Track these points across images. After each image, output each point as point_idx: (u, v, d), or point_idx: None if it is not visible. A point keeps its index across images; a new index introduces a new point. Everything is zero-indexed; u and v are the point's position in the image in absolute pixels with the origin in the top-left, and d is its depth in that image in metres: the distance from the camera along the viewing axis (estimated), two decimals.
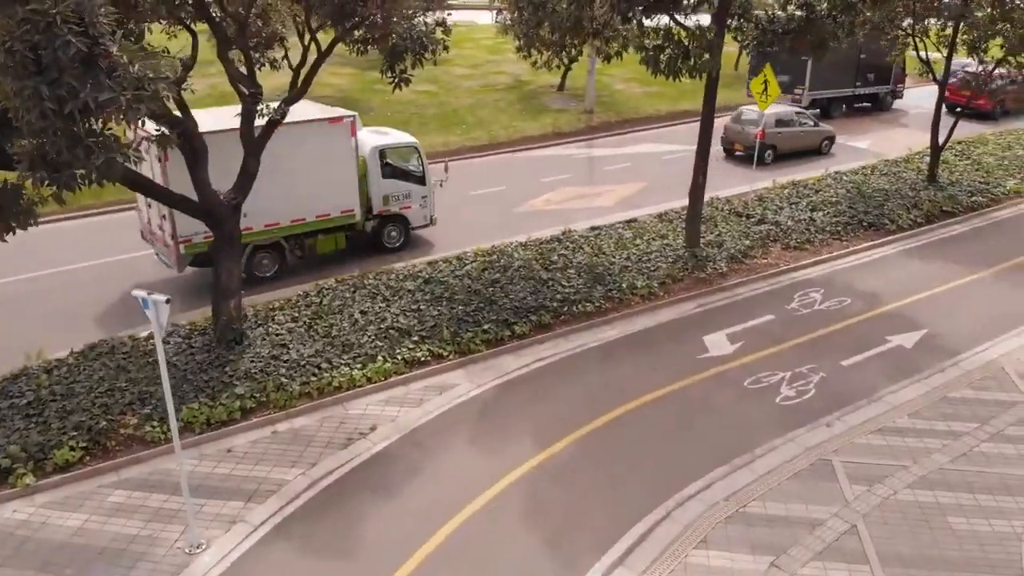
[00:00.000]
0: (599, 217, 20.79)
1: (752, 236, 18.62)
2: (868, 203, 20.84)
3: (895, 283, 16.74)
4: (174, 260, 15.07)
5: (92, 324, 14.52)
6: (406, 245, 18.30)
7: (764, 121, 24.48)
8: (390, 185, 17.53)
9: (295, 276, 16.46)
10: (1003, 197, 22.25)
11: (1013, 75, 22.81)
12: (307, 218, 16.22)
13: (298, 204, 15.88)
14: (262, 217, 15.38)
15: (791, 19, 16.38)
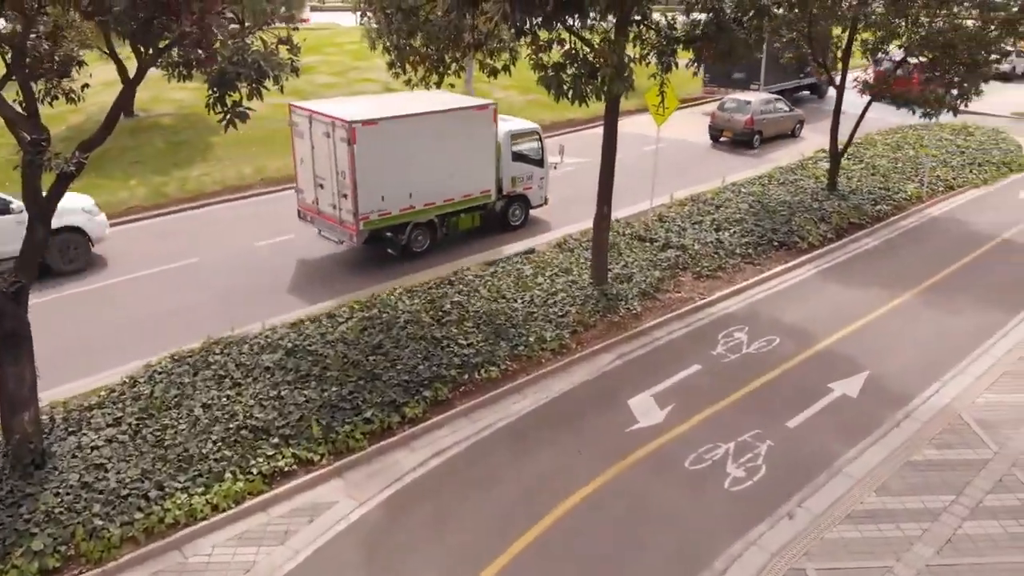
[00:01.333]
0: (492, 249, 18.43)
1: (660, 265, 16.75)
2: (774, 218, 19.47)
3: (821, 314, 15.24)
4: (351, 236, 16.22)
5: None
6: (526, 223, 19.57)
7: (753, 108, 27.38)
8: (517, 167, 18.94)
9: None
10: (906, 203, 21.50)
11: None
12: (455, 198, 17.46)
13: (449, 185, 17.15)
14: (422, 197, 16.73)
15: (696, 25, 14.50)
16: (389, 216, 16.22)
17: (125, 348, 13.25)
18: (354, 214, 15.78)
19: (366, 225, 16.01)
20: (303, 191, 17.31)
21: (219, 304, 15.09)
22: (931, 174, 23.57)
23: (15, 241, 11.05)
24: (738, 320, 14.98)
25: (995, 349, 13.95)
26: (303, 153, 16.78)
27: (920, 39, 19.15)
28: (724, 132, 28.04)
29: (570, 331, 13.90)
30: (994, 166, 25.05)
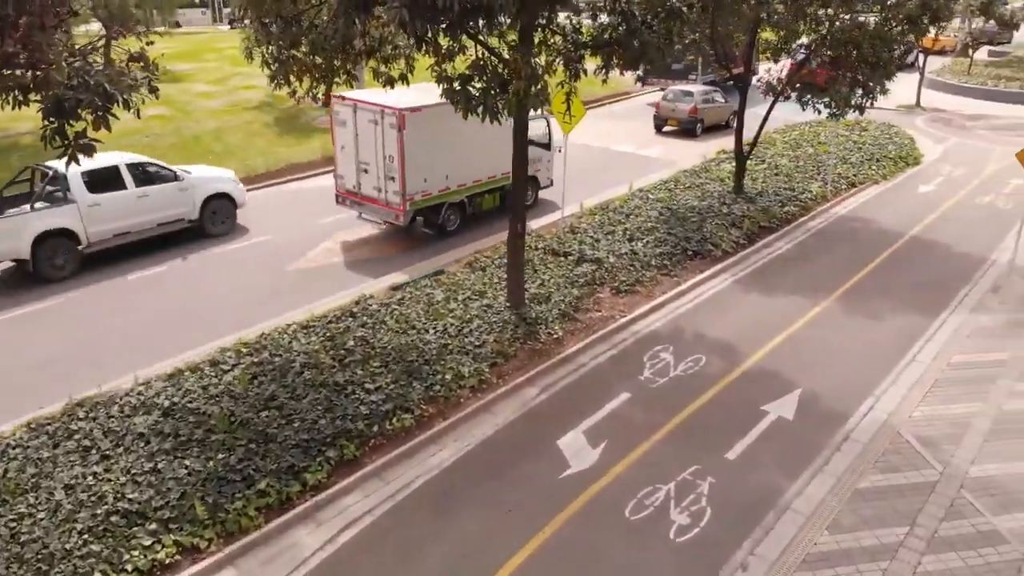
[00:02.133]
0: (397, 270, 17.06)
1: (578, 282, 15.82)
2: (686, 226, 18.90)
3: (744, 327, 14.65)
4: (397, 216, 17.65)
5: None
6: (536, 204, 20.77)
7: (696, 99, 29.08)
8: (530, 150, 18.15)
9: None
10: (812, 203, 21.41)
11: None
12: (482, 179, 18.95)
13: (478, 168, 18.65)
14: (456, 179, 18.25)
15: (605, 29, 13.59)
16: (430, 197, 17.84)
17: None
18: (401, 195, 17.29)
19: (411, 205, 17.57)
20: (343, 177, 18.59)
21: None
22: (832, 171, 23.68)
23: (180, 206, 17.80)
24: (662, 339, 14.18)
25: (922, 355, 13.67)
26: (344, 141, 18.06)
27: (821, 38, 19.00)
28: (669, 121, 29.66)
29: (489, 363, 12.73)
30: (891, 161, 25.48)
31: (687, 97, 29.63)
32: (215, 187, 18.73)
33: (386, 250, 18.42)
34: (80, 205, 16.39)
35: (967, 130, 31.47)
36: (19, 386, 12.31)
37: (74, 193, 16.37)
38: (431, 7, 8.58)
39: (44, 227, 15.91)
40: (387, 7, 8.65)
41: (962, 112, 34.95)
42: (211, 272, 17.01)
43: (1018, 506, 9.83)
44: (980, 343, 14.04)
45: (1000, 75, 40.63)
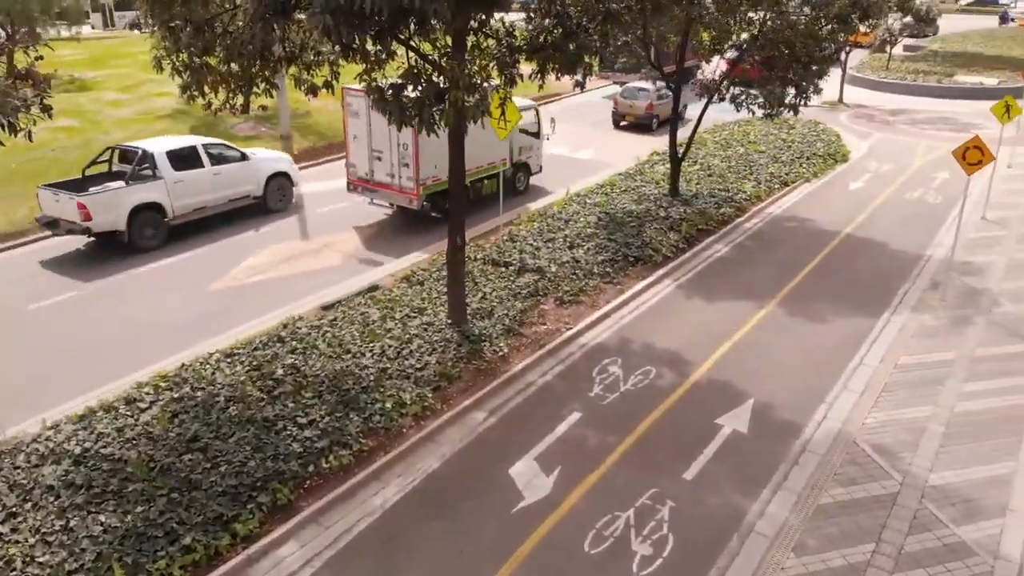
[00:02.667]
0: (328, 286, 16.20)
1: (520, 293, 15.24)
2: (625, 231, 18.53)
3: (690, 334, 14.31)
4: (410, 200, 18.69)
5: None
6: (527, 190, 22.61)
7: (651, 95, 29.97)
8: (522, 139, 21.74)
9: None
10: (747, 204, 21.34)
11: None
12: (483, 165, 20.23)
13: (479, 155, 19.56)
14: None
15: (540, 32, 13.03)
16: (440, 182, 18.45)
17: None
18: (415, 181, 18.39)
19: (424, 190, 18.62)
20: (355, 165, 19.61)
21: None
22: (765, 171, 23.73)
23: (247, 183, 19.69)
24: (610, 351, 13.71)
25: (869, 358, 13.55)
26: (357, 131, 19.01)
27: (753, 38, 18.89)
28: (626, 116, 30.94)
29: (432, 387, 12.01)
30: (820, 158, 25.72)
31: (643, 93, 30.57)
32: (276, 167, 20.61)
33: (315, 264, 17.49)
34: (167, 181, 18.09)
35: (890, 125, 32.18)
36: None
37: (161, 170, 18.01)
38: (358, 12, 7.83)
39: (138, 200, 17.59)
40: (309, 13, 7.86)
41: (883, 107, 35.80)
42: (127, 295, 15.79)
43: (980, 515, 9.67)
44: (925, 343, 14.02)
45: (917, 69, 41.90)
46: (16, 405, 11.65)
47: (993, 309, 15.33)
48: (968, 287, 16.36)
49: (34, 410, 11.42)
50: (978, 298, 15.82)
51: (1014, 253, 18.24)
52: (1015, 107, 19.65)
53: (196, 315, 14.82)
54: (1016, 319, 14.88)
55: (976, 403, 12.10)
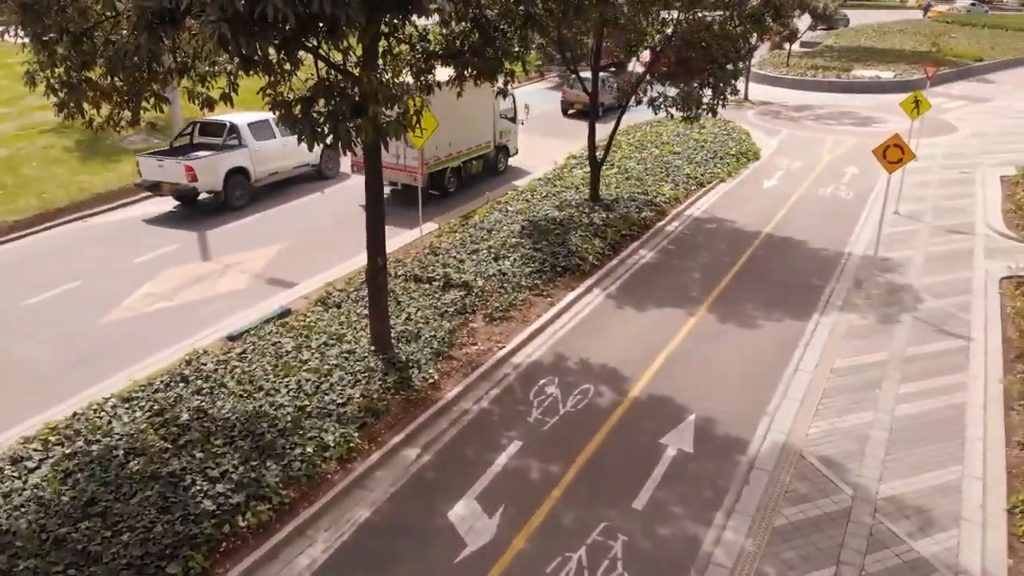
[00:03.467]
0: (235, 312, 14.98)
1: (447, 312, 14.41)
2: (550, 239, 17.95)
3: (624, 347, 13.83)
4: (415, 177, 20.31)
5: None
6: (506, 170, 24.76)
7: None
8: (503, 123, 23.76)
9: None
10: (666, 206, 21.12)
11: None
12: (472, 147, 22.52)
13: (469, 138, 22.16)
14: (456, 148, 21.73)
15: (457, 36, 12.25)
16: (439, 161, 21.23)
17: None
18: (420, 161, 20.27)
19: (428, 169, 20.75)
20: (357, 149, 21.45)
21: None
22: (681, 172, 23.62)
23: (307, 154, 20.12)
24: (546, 370, 13.06)
25: (804, 363, 13.36)
26: None
27: (667, 39, 18.62)
28: (574, 105, 32.53)
29: (358, 425, 11.05)
30: (733, 157, 25.86)
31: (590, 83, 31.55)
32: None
33: (219, 287, 16.19)
34: (250, 148, 21.17)
35: (795, 121, 32.84)
36: None
37: (245, 139, 21.05)
38: (259, 20, 6.85)
39: (231, 164, 20.67)
40: (202, 21, 6.83)
41: (787, 104, 36.58)
42: (5, 332, 14.14)
43: (935, 526, 9.47)
44: (857, 344, 13.96)
45: (815, 65, 43.10)
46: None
47: (917, 306, 15.46)
48: (890, 283, 16.50)
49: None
50: (901, 295, 15.95)
51: (929, 247, 18.59)
52: (924, 102, 20.08)
53: (86, 354, 13.36)
54: (940, 315, 15.03)
55: (914, 405, 12.02)
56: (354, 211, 20.29)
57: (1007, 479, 10.25)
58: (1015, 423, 11.51)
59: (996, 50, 50.81)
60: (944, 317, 14.96)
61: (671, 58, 18.59)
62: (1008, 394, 12.22)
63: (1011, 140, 29.28)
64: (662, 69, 18.75)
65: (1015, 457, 10.67)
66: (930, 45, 48.97)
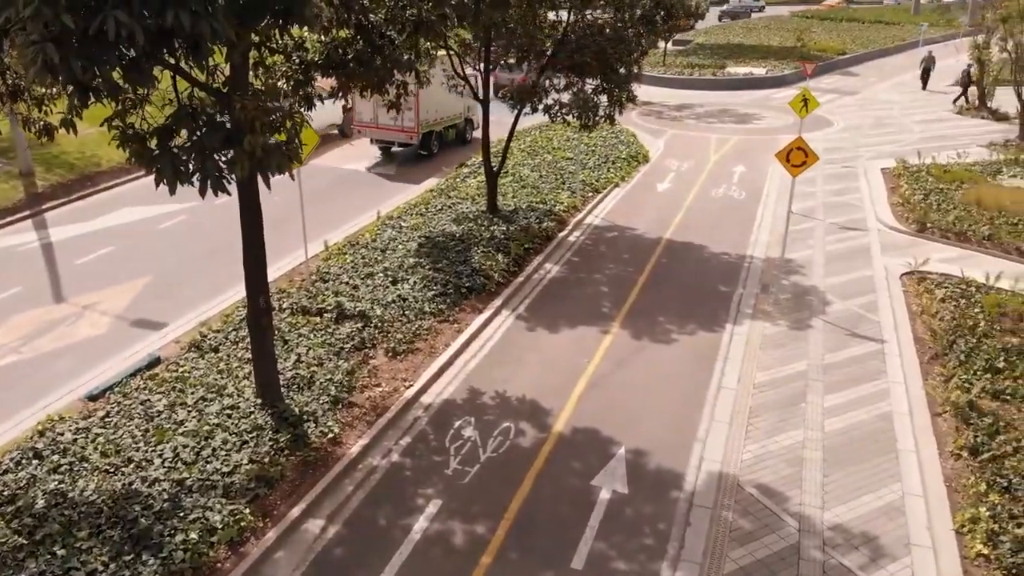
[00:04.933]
0: (96, 364, 13.06)
1: (344, 349, 13.04)
2: (451, 257, 16.82)
3: (542, 375, 12.90)
4: (411, 136, 25.17)
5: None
6: (471, 141, 27.72)
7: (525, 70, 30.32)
8: (469, 100, 25.96)
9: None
10: (565, 215, 20.37)
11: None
12: (449, 116, 26.78)
13: (448, 110, 26.52)
14: (439, 115, 25.99)
15: (340, 45, 10.94)
16: (428, 124, 25.26)
17: None
18: (416, 123, 24.50)
19: (421, 129, 24.79)
20: (360, 112, 25.44)
21: None
22: (576, 179, 22.98)
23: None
24: (460, 409, 11.92)
25: (726, 379, 12.82)
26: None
27: (558, 43, 17.84)
28: (503, 89, 33.92)
29: (249, 498, 9.56)
30: (625, 161, 25.45)
31: (517, 70, 32.50)
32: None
33: (75, 334, 14.14)
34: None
35: (678, 121, 32.96)
36: None
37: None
38: (96, 39, 5.37)
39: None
40: (21, 42, 5.28)
41: (668, 103, 36.77)
42: None
43: (885, 556, 9.00)
44: (774, 355, 13.57)
45: (691, 63, 43.74)
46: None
47: (826, 308, 15.31)
48: (796, 286, 16.33)
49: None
50: (808, 298, 15.79)
51: (827, 245, 18.65)
52: (812, 100, 20.19)
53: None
54: (850, 317, 14.92)
55: (842, 419, 11.67)
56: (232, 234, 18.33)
57: (947, 494, 9.95)
58: (943, 431, 11.32)
59: (857, 43, 53.39)
60: (854, 319, 14.85)
61: (564, 66, 17.81)
62: (931, 400, 12.06)
63: (883, 132, 30.41)
64: (556, 75, 17.92)
65: (951, 469, 10.41)
66: (795, 40, 50.80)
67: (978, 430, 10.94)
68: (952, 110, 34.13)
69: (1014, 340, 13.42)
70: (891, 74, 44.58)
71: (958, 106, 34.27)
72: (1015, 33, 26.17)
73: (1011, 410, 11.47)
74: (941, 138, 29.03)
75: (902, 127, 31.27)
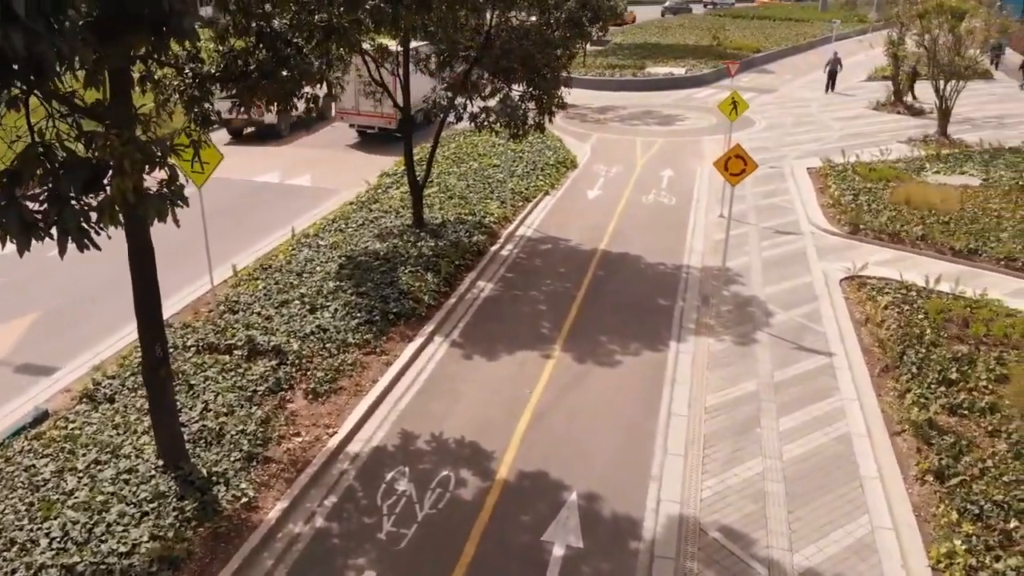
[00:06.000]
0: None
1: (257, 392, 11.72)
2: (375, 278, 15.61)
3: (482, 409, 11.88)
4: (389, 122, 26.74)
5: None
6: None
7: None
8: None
9: None
10: (496, 227, 19.38)
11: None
12: (420, 104, 21.33)
13: (418, 96, 20.73)
14: (414, 102, 20.70)
15: (239, 55, 9.66)
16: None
17: None
18: (395, 108, 20.06)
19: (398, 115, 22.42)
20: (341, 100, 26.86)
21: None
22: (505, 188, 22.02)
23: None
24: (392, 458, 10.77)
25: (676, 405, 12.07)
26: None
27: (482, 47, 16.83)
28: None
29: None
30: (553, 168, 24.62)
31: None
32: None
33: None
34: None
35: (602, 124, 32.40)
36: None
37: None
38: None
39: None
40: None
41: (591, 105, 36.19)
42: None
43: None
44: (722, 375, 12.90)
45: (610, 64, 43.35)
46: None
47: (768, 320, 14.78)
48: (737, 297, 15.78)
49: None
50: (750, 309, 15.25)
51: (763, 251, 18.23)
52: (742, 102, 19.76)
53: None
54: (794, 329, 14.42)
55: (800, 444, 11.05)
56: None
57: (918, 524, 9.38)
58: (904, 451, 10.80)
59: (770, 40, 54.22)
60: (798, 331, 14.35)
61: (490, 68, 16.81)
62: (888, 417, 11.57)
63: (804, 130, 30.54)
64: (481, 79, 16.90)
65: (918, 496, 9.87)
66: (711, 39, 51.20)
67: (941, 451, 10.46)
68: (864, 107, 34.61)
69: (963, 348, 13.11)
70: (805, 71, 45.28)
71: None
72: (932, 28, 26.48)
73: (971, 426, 11.05)
74: (861, 135, 29.30)
75: (823, 125, 31.50)
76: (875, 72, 42.58)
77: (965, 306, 14.60)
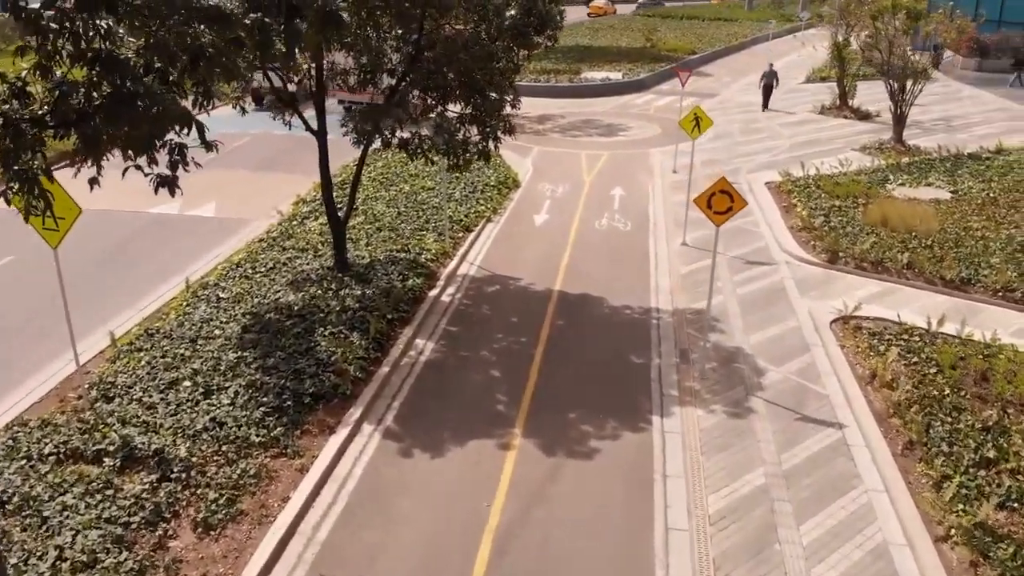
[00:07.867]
0: None
1: (129, 525, 8.87)
2: (288, 345, 12.82)
3: (429, 535, 9.27)
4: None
5: None
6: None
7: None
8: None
9: None
10: (434, 266, 16.68)
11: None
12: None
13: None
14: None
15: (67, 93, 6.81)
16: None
17: None
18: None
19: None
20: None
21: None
22: (442, 215, 19.31)
23: None
24: None
25: (673, 516, 9.67)
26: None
27: (410, 59, 14.14)
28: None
29: None
30: (494, 188, 22.06)
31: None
32: None
33: None
34: None
35: (543, 135, 30.03)
36: None
37: None
38: None
39: None
40: None
41: (528, 114, 33.58)
42: None
43: None
44: (721, 464, 10.61)
45: (544, 68, 40.91)
46: None
47: (760, 381, 12.62)
48: (719, 349, 13.57)
49: None
50: (736, 365, 13.07)
51: (736, 287, 16.10)
52: (705, 119, 17.59)
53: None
54: (791, 391, 12.30)
55: (831, 565, 8.82)
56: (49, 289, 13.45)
57: None
58: (954, 565, 8.67)
59: (703, 42, 52.86)
60: (797, 394, 12.21)
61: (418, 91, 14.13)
62: (926, 517, 9.43)
63: (754, 139, 28.85)
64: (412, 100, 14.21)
65: None
66: (644, 41, 49.50)
67: (1003, 565, 8.36)
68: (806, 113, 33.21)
69: (991, 413, 11.15)
70: (742, 72, 43.91)
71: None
72: (887, 29, 24.97)
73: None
74: (813, 143, 27.79)
75: (772, 132, 29.89)
76: (813, 73, 41.49)
77: (977, 354, 12.72)
